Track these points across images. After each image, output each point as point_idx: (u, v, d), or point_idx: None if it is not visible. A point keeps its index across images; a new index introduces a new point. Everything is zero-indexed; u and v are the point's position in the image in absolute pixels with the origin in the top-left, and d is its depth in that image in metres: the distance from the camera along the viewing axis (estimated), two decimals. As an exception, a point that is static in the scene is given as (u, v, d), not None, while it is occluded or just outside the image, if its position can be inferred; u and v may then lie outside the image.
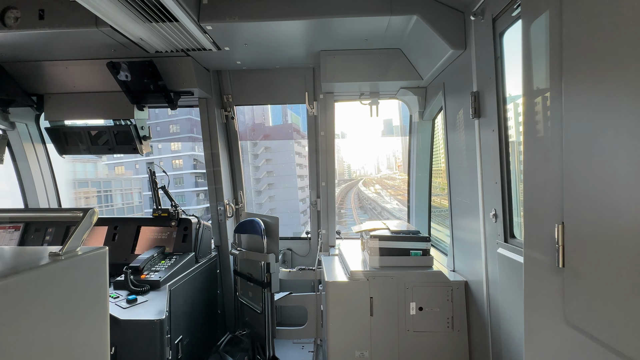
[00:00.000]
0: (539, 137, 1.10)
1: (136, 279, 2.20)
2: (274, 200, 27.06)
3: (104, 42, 2.21)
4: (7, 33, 2.03)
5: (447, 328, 2.19)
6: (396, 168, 31.27)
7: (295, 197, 27.11)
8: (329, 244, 3.06)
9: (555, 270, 1.02)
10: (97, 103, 2.65)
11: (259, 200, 25.35)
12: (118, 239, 2.72)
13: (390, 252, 2.27)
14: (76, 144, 2.80)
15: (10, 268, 0.87)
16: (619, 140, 0.81)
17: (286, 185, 27.30)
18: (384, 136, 42.91)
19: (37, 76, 2.57)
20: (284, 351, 2.93)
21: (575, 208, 0.95)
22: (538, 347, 1.12)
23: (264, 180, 26.97)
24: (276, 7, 2.01)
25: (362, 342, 2.21)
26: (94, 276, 1.10)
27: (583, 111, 0.92)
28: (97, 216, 1.10)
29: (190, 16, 1.89)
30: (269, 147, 28.38)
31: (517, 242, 1.65)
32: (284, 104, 3.41)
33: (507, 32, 1.66)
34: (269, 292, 2.55)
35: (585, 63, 0.91)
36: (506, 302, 1.72)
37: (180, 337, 2.15)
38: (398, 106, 3.21)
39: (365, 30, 2.21)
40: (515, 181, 1.76)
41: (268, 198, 26.23)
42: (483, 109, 1.82)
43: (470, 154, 2.00)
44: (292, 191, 27.41)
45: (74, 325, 1.00)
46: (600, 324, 0.87)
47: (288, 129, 28.51)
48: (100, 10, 1.71)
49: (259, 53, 2.52)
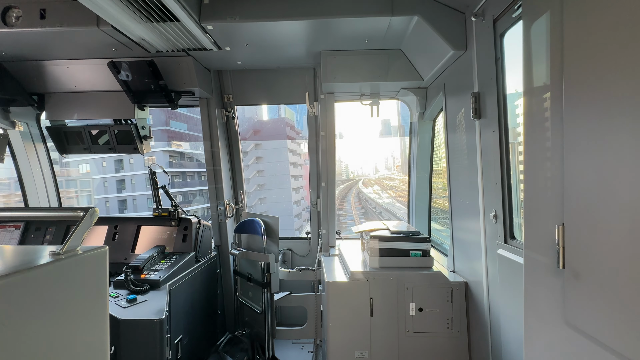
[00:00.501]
0: (539, 138, 1.10)
1: (136, 279, 2.20)
2: (265, 202, 25.63)
3: (105, 42, 2.21)
4: (9, 32, 2.03)
5: (447, 329, 2.19)
6: (394, 169, 31.08)
7: (288, 199, 25.64)
8: (329, 244, 3.06)
9: (556, 272, 1.02)
10: (98, 102, 2.66)
11: (248, 202, 24.37)
12: (118, 239, 2.73)
13: (390, 253, 2.27)
14: (77, 144, 2.80)
15: (11, 267, 0.87)
16: (620, 141, 0.81)
17: (278, 186, 25.86)
18: (382, 137, 42.84)
19: (38, 75, 2.58)
20: (283, 351, 2.93)
21: (575, 209, 0.95)
22: (538, 348, 1.12)
23: (254, 180, 25.67)
24: (277, 8, 2.01)
25: (362, 343, 2.21)
26: (94, 275, 1.10)
27: (584, 112, 0.92)
28: (98, 215, 1.10)
29: (191, 16, 1.89)
30: (260, 144, 26.52)
31: (517, 243, 1.65)
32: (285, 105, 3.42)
33: (508, 33, 1.66)
34: (268, 292, 2.55)
35: (585, 64, 0.91)
36: (506, 303, 1.72)
37: (180, 337, 2.15)
38: (397, 106, 3.20)
39: (366, 31, 2.21)
40: (515, 182, 1.76)
41: (258, 200, 25.09)
42: (484, 109, 1.82)
43: (470, 154, 2.00)
44: (284, 192, 26.02)
45: (73, 325, 1.00)
46: (600, 325, 0.87)
47: (281, 124, 26.64)
48: (102, 9, 1.71)
49: (260, 53, 2.52)
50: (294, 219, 24.52)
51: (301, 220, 25.53)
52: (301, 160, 29.30)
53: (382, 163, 36.62)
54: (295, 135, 28.56)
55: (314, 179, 3.12)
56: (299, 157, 28.95)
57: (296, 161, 28.36)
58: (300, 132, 29.73)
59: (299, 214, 26.04)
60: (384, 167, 34.97)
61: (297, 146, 28.89)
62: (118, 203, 24.45)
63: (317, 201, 3.11)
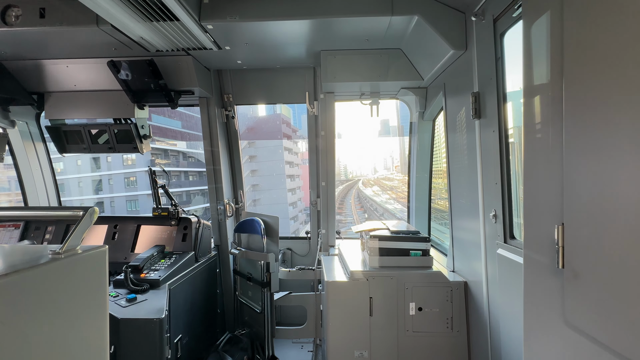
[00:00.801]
0: (539, 138, 1.10)
1: (136, 278, 2.20)
2: (259, 204, 24.49)
3: (104, 41, 2.21)
4: (8, 31, 2.03)
5: (447, 328, 2.19)
6: (393, 169, 30.74)
7: (284, 201, 24.44)
8: (328, 244, 3.06)
9: (555, 271, 1.02)
10: (98, 102, 2.65)
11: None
12: (118, 238, 2.73)
13: (390, 252, 2.27)
14: (76, 143, 2.80)
15: (10, 266, 0.87)
16: (620, 141, 0.81)
17: (274, 187, 24.37)
18: (381, 136, 42.40)
19: (37, 74, 2.57)
20: (283, 351, 2.93)
21: (575, 209, 0.95)
22: (537, 348, 1.12)
23: (247, 180, 24.67)
24: (277, 7, 2.01)
25: (362, 342, 2.21)
26: (94, 275, 1.10)
27: (583, 112, 0.92)
28: (97, 215, 1.10)
29: (191, 15, 1.89)
30: (253, 143, 25.25)
31: (516, 243, 1.65)
32: (284, 104, 3.42)
33: (508, 33, 1.66)
34: (268, 292, 2.55)
35: (586, 64, 0.91)
36: (506, 303, 1.72)
37: (179, 336, 2.15)
38: (396, 106, 3.20)
39: (366, 31, 2.21)
40: (515, 182, 1.76)
41: (252, 202, 23.85)
42: (483, 109, 1.82)
43: (470, 154, 2.00)
44: (280, 193, 24.81)
45: (73, 324, 1.00)
46: (600, 325, 0.87)
47: (276, 120, 25.10)
48: (101, 8, 1.71)
49: (260, 52, 2.52)
50: (290, 221, 23.74)
51: (297, 223, 24.75)
52: (298, 159, 28.55)
53: (381, 163, 36.40)
54: (292, 133, 27.79)
55: (313, 178, 3.12)
56: (296, 156, 28.26)
57: (292, 160, 27.53)
58: (297, 131, 28.97)
59: (296, 216, 25.17)
60: (382, 168, 34.79)
61: (294, 145, 28.13)
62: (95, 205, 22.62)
63: (316, 201, 3.11)
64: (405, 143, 3.24)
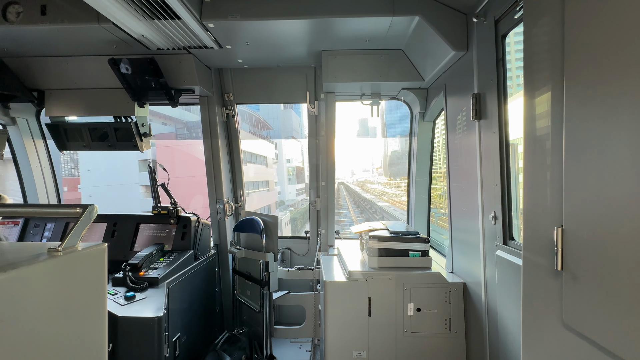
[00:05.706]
0: (539, 140, 1.10)
1: (135, 276, 2.20)
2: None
3: (105, 39, 2.21)
4: (9, 28, 2.03)
5: (445, 329, 2.19)
6: (374, 171, 29.98)
7: (265, 209, 21.98)
8: (327, 244, 3.06)
9: (554, 273, 1.02)
10: (98, 99, 2.65)
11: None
12: (117, 236, 2.72)
13: (389, 253, 2.27)
14: (76, 140, 2.80)
15: (9, 263, 0.87)
16: (620, 143, 0.81)
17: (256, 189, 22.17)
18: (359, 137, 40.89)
19: (38, 72, 2.57)
20: (281, 350, 2.93)
21: (575, 211, 0.95)
22: (536, 349, 1.12)
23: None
24: (278, 6, 2.00)
25: (360, 342, 2.21)
26: (93, 272, 1.10)
27: (584, 114, 0.92)
28: (97, 212, 1.10)
29: (192, 14, 1.89)
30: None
31: (516, 245, 1.65)
32: (285, 103, 3.41)
33: (509, 34, 1.66)
34: (267, 291, 2.55)
35: (586, 66, 0.91)
36: (504, 304, 1.72)
37: (178, 335, 2.15)
38: (382, 105, 3.13)
39: (367, 31, 2.21)
40: (515, 183, 1.76)
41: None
42: (484, 110, 1.82)
43: (470, 155, 2.00)
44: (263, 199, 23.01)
45: (71, 322, 1.00)
46: (599, 327, 0.87)
47: (256, 121, 23.28)
48: (103, 6, 1.71)
49: (261, 52, 2.52)
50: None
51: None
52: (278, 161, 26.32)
53: (359, 166, 35.65)
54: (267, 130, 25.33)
55: (313, 178, 3.12)
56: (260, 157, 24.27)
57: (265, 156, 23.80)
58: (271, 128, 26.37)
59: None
60: (362, 170, 34.10)
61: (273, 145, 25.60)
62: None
63: (316, 200, 3.11)
64: (388, 143, 3.22)
